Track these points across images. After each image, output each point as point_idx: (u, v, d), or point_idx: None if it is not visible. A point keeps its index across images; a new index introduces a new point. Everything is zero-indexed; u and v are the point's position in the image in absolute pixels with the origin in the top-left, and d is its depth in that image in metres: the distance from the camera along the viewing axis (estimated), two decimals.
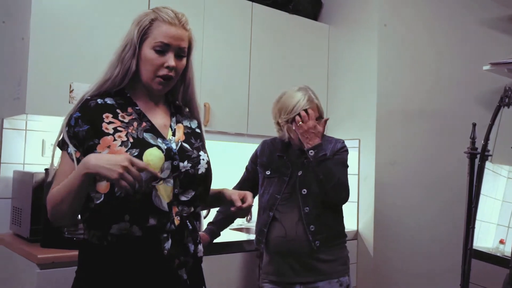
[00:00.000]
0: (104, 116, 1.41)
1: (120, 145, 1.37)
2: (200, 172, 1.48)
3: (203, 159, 1.50)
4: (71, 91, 2.28)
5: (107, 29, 2.40)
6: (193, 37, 1.51)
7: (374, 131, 3.06)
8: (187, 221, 1.45)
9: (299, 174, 2.23)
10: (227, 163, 2.87)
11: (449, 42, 3.28)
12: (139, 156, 1.36)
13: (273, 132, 2.37)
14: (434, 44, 3.24)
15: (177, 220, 1.42)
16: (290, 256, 2.18)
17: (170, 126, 1.51)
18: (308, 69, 3.29)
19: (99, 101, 1.44)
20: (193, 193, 1.46)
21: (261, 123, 2.95)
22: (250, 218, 3.20)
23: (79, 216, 1.44)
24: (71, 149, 1.39)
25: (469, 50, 3.29)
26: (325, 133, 2.31)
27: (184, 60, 1.49)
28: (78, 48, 2.32)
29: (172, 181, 1.42)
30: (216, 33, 2.84)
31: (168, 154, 1.42)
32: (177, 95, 1.57)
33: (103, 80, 1.45)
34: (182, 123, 1.55)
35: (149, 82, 1.45)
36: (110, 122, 1.41)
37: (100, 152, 1.36)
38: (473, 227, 2.09)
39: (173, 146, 1.45)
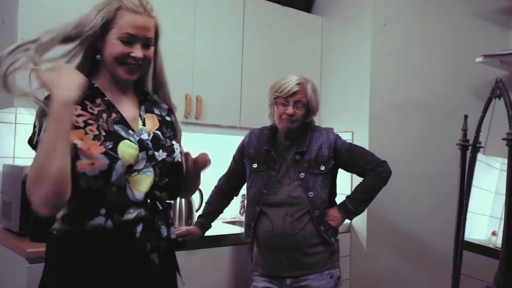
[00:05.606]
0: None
1: (93, 139, 1.34)
2: (176, 160, 1.48)
3: (176, 148, 1.50)
4: None
5: None
6: (159, 24, 1.48)
7: (367, 123, 3.05)
8: (157, 202, 1.42)
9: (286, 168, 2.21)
10: (220, 155, 2.85)
11: (442, 34, 3.26)
12: (114, 149, 1.35)
13: (266, 125, 2.36)
14: (427, 36, 3.23)
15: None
16: (278, 250, 2.17)
17: (140, 116, 1.49)
18: (301, 61, 3.27)
19: None
20: (167, 180, 1.46)
21: (253, 116, 2.93)
22: (243, 211, 3.19)
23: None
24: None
25: (462, 42, 3.27)
26: (319, 124, 2.29)
27: (152, 49, 1.46)
28: None
29: (152, 169, 1.41)
30: (208, 25, 2.82)
31: (141, 145, 1.41)
32: (146, 82, 1.54)
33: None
34: (153, 112, 1.53)
35: (115, 71, 1.42)
36: (79, 115, 1.36)
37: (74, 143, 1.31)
38: (465, 219, 2.09)
39: (145, 136, 1.44)
